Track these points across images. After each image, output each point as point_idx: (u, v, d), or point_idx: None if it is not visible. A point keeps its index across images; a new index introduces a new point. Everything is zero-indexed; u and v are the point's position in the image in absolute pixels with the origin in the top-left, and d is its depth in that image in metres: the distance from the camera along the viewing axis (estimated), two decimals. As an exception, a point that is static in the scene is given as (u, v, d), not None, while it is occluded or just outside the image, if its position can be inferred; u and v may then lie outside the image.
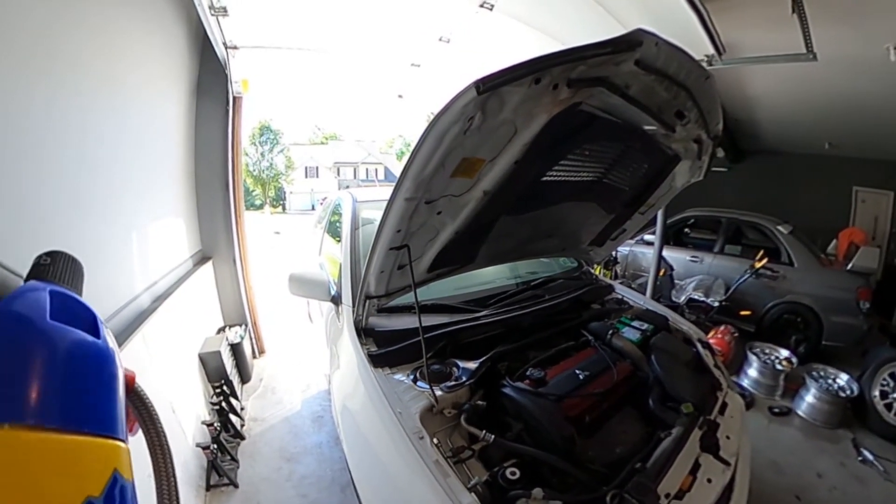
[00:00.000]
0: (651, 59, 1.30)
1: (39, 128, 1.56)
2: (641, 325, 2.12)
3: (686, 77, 1.46)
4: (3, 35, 1.38)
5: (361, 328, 1.86)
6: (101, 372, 0.30)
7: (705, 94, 1.57)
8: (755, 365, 4.00)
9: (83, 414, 0.27)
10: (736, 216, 5.53)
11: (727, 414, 1.80)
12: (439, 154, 1.27)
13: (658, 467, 1.41)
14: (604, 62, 1.24)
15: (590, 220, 2.27)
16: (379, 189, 3.83)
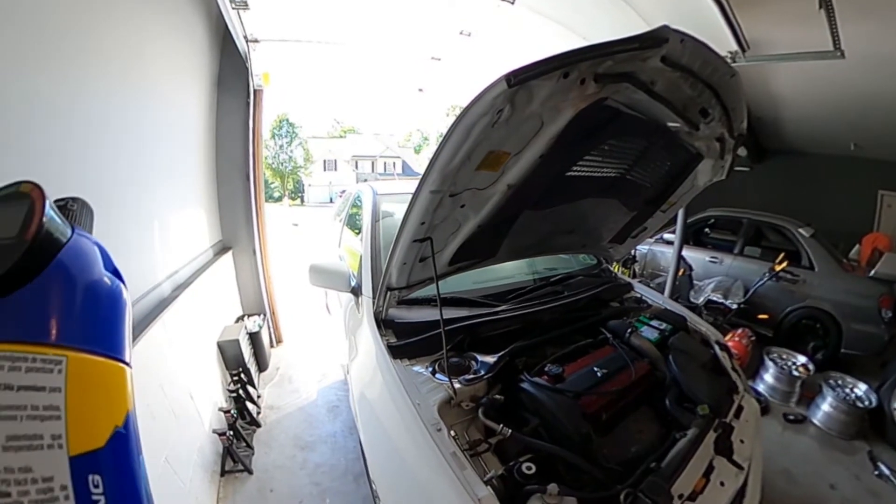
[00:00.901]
0: (677, 55, 1.29)
1: (65, 118, 1.59)
2: (660, 324, 2.11)
3: (711, 74, 1.45)
4: (34, 27, 1.41)
5: (381, 319, 1.88)
6: (125, 310, 0.33)
7: (730, 91, 1.55)
8: (771, 370, 3.91)
9: (120, 345, 0.31)
10: (757, 217, 5.42)
11: (742, 418, 1.79)
12: (466, 146, 1.27)
13: (672, 468, 1.41)
14: (630, 58, 1.24)
15: (611, 217, 2.26)
16: (398, 182, 3.83)
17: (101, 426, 0.25)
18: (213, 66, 3.69)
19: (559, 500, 1.21)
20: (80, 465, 0.22)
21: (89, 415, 0.24)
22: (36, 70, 1.43)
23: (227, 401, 3.11)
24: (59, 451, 0.21)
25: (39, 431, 0.22)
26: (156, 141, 2.58)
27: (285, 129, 35.92)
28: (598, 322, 2.11)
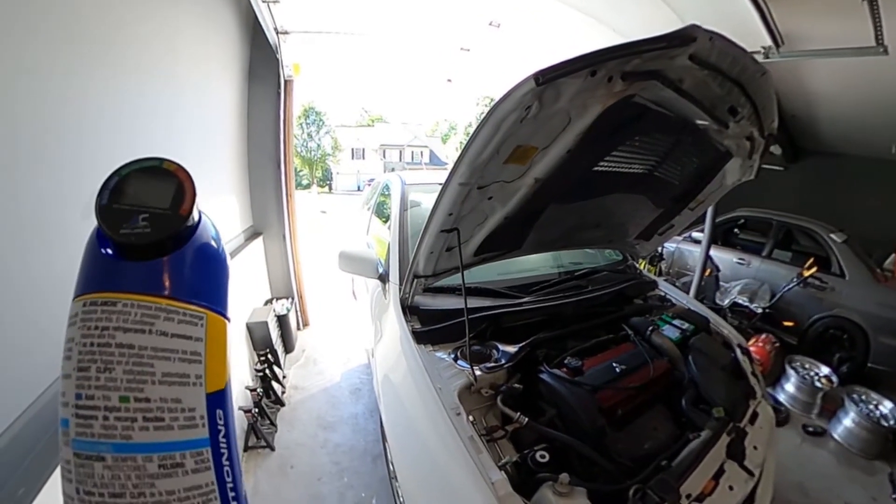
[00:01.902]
0: (705, 54, 1.29)
1: (98, 106, 1.65)
2: (682, 324, 2.10)
3: (741, 73, 1.44)
4: (70, 17, 1.46)
5: (407, 305, 1.93)
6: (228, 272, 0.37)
7: (760, 90, 1.54)
8: (793, 379, 3.78)
9: (225, 303, 0.36)
10: (787, 219, 5.22)
11: (757, 424, 1.78)
12: (495, 141, 1.30)
13: (683, 467, 1.43)
14: (658, 56, 1.24)
15: (638, 213, 2.26)
16: (426, 172, 3.88)
17: (223, 372, 0.30)
18: (244, 57, 3.77)
19: (570, 489, 1.24)
20: (213, 400, 0.27)
21: (217, 362, 0.30)
22: (72, 60, 1.49)
23: (253, 380, 3.23)
24: (200, 388, 0.27)
25: (187, 371, 0.28)
26: (188, 129, 2.65)
27: (312, 118, 36.22)
28: (620, 318, 2.12)
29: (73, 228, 1.42)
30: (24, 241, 1.25)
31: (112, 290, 0.27)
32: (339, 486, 2.59)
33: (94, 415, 0.26)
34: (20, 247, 1.24)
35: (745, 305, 4.61)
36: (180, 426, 0.26)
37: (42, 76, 1.33)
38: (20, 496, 0.98)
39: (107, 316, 0.26)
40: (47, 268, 1.31)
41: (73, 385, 0.25)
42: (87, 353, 0.25)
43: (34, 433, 1.14)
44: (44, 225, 1.33)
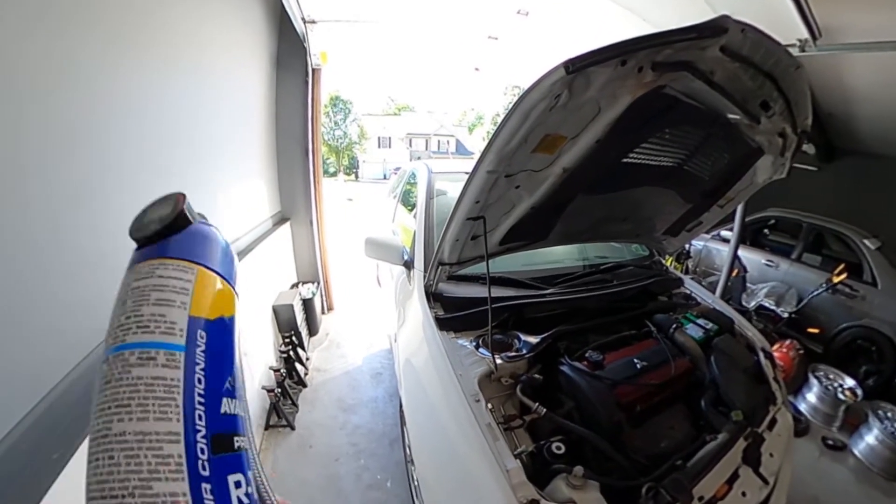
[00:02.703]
0: (736, 45, 1.26)
1: (126, 95, 1.67)
2: (706, 323, 2.07)
3: (774, 66, 1.39)
4: (99, 9, 1.49)
5: (431, 292, 1.95)
6: (233, 258, 0.47)
7: (794, 84, 1.49)
8: (815, 389, 3.61)
9: (231, 276, 0.43)
10: (819, 222, 5.01)
11: (775, 431, 1.74)
12: (524, 129, 1.30)
13: (698, 469, 1.42)
14: (688, 47, 1.22)
15: (666, 207, 2.22)
16: (453, 161, 3.88)
17: (213, 309, 0.39)
18: (272, 46, 3.82)
19: (583, 482, 1.25)
20: (193, 322, 0.36)
21: (206, 299, 0.38)
22: (102, 53, 1.52)
23: (277, 360, 3.31)
24: (184, 311, 0.36)
25: (174, 298, 0.36)
26: (215, 118, 2.70)
27: (339, 107, 36.43)
28: (643, 314, 2.10)
29: (105, 206, 1.48)
30: (62, 219, 1.30)
31: (133, 264, 0.39)
32: (355, 468, 2.65)
33: (110, 333, 0.36)
34: (60, 225, 1.29)
35: (771, 309, 4.48)
36: (161, 332, 0.35)
37: (74, 71, 1.36)
38: (55, 460, 1.05)
39: (131, 276, 0.38)
40: (78, 251, 1.38)
41: (113, 320, 0.37)
42: (119, 299, 0.38)
43: (69, 402, 1.20)
44: (79, 202, 1.38)
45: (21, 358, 1.14)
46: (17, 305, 1.13)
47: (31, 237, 1.20)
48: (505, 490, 1.22)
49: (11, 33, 1.11)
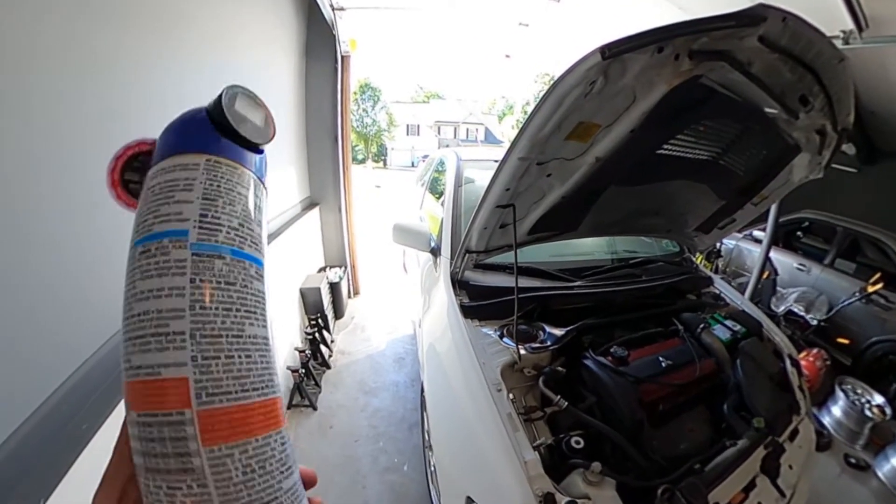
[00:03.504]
0: (776, 36, 1.20)
1: (160, 83, 1.69)
2: (734, 325, 2.02)
3: (815, 58, 1.32)
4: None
5: (457, 280, 1.95)
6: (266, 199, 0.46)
7: (836, 78, 1.40)
8: (841, 403, 3.37)
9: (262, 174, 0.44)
10: (855, 227, 4.71)
11: (796, 442, 1.69)
12: (558, 116, 1.28)
13: (715, 474, 1.39)
14: (726, 36, 1.18)
15: (699, 202, 2.16)
16: (482, 149, 3.86)
17: None
18: (301, 33, 3.82)
19: (600, 479, 1.24)
20: None
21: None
22: (139, 40, 1.54)
23: (302, 342, 3.37)
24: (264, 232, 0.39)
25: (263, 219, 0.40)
26: None
27: (368, 94, 36.50)
28: (671, 312, 2.06)
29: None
30: (93, 198, 1.33)
31: (236, 160, 0.38)
32: (373, 450, 2.68)
33: (219, 229, 0.35)
34: (92, 202, 1.33)
35: (800, 315, 4.25)
36: (262, 252, 0.37)
37: (109, 63, 1.38)
38: (84, 430, 1.10)
39: (231, 172, 0.37)
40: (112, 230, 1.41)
41: (197, 207, 0.35)
42: (213, 190, 0.35)
43: (97, 377, 1.24)
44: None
45: (56, 332, 1.18)
46: (51, 278, 1.17)
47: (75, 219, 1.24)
48: (521, 481, 1.22)
49: (55, 26, 1.15)
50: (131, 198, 0.40)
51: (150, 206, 0.35)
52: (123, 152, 0.41)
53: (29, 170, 1.08)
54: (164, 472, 0.30)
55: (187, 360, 0.31)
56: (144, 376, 0.31)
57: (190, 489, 0.30)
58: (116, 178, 0.40)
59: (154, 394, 0.31)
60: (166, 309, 0.32)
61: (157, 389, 0.31)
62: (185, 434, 0.30)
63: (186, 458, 0.30)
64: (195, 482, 0.30)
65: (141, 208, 0.36)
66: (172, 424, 0.30)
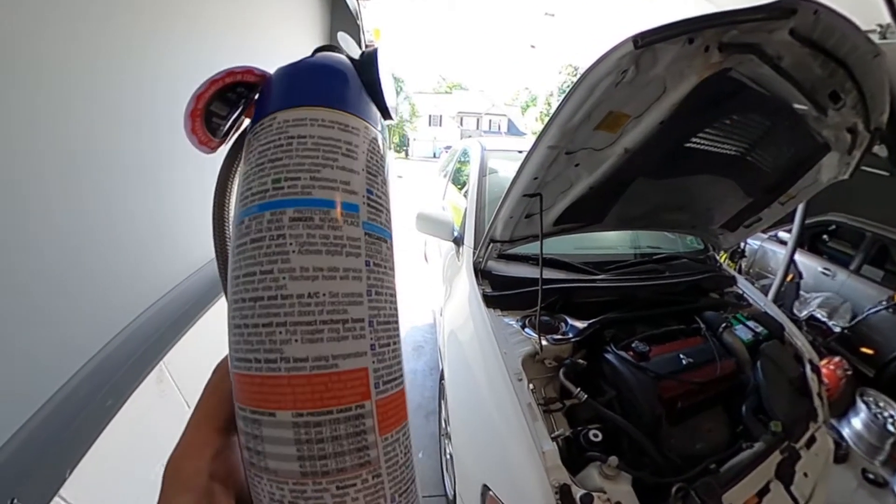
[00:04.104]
0: (807, 29, 1.17)
1: (184, 70, 1.65)
2: (756, 326, 1.99)
3: (848, 53, 1.27)
4: None
5: (480, 269, 1.94)
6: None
7: (870, 75, 1.35)
8: (862, 415, 3.23)
9: None
10: (885, 233, 4.55)
11: (813, 450, 1.66)
12: (588, 104, 1.27)
13: (730, 476, 1.39)
14: (756, 28, 1.16)
15: (726, 199, 2.13)
16: (505, 139, 3.83)
17: None
18: (325, 22, 3.81)
19: (616, 473, 1.24)
20: None
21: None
22: (168, 29, 1.54)
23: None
24: None
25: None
26: None
27: (391, 84, 36.43)
28: (693, 310, 2.04)
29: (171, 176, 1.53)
30: (129, 181, 1.36)
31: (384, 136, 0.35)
32: (389, 437, 2.70)
33: (381, 209, 0.31)
34: (132, 185, 1.36)
35: (822, 321, 4.15)
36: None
37: (137, 57, 1.38)
38: (108, 406, 1.14)
39: (382, 147, 0.34)
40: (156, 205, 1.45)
41: (364, 181, 0.30)
42: (374, 164, 0.31)
43: (123, 355, 1.28)
44: (147, 170, 1.43)
45: (85, 310, 1.21)
46: (83, 252, 1.19)
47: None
48: (539, 471, 1.23)
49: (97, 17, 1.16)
50: (208, 134, 0.34)
51: (302, 163, 0.29)
52: (223, 77, 0.34)
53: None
54: (333, 474, 0.27)
55: (367, 349, 0.29)
56: (314, 370, 0.27)
57: (365, 483, 0.27)
58: (201, 107, 0.33)
59: (330, 389, 0.27)
60: (343, 293, 0.28)
61: (334, 384, 0.27)
62: (365, 427, 0.28)
63: (364, 452, 0.28)
64: (370, 474, 0.28)
65: (281, 160, 0.29)
66: (350, 420, 0.27)
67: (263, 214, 0.28)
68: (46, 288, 1.05)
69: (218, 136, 0.34)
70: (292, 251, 0.27)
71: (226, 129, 0.34)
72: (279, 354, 0.27)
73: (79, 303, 1.17)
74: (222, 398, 0.31)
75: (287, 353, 0.27)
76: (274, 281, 0.27)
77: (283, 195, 0.28)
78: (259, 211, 0.28)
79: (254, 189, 0.29)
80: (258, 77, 0.34)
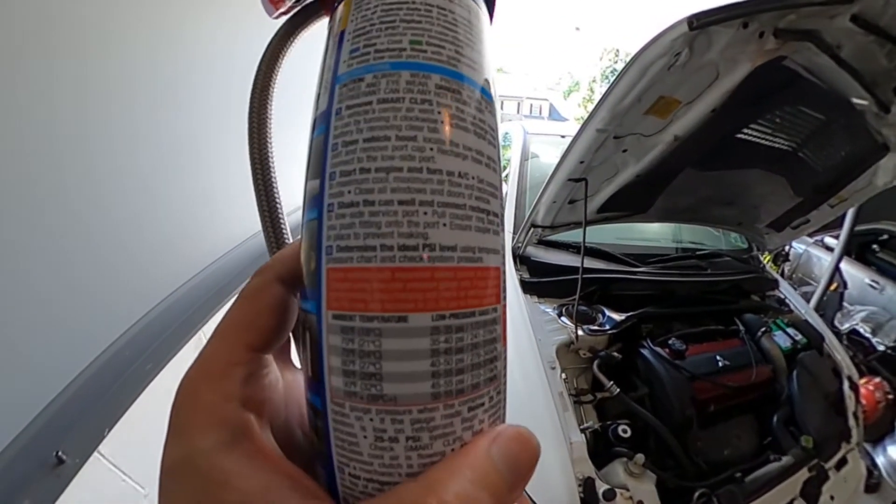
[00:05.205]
0: (873, 15, 1.06)
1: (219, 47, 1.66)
2: (795, 334, 1.91)
3: None
4: None
5: (518, 255, 1.91)
6: None
7: None
8: None
9: None
10: None
11: (842, 473, 1.57)
12: (640, 87, 1.23)
13: (755, 487, 1.35)
14: (815, 13, 1.08)
15: (775, 197, 2.02)
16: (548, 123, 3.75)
17: None
18: None
19: (642, 471, 1.23)
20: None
21: None
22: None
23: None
24: None
25: None
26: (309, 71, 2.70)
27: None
28: (733, 311, 1.98)
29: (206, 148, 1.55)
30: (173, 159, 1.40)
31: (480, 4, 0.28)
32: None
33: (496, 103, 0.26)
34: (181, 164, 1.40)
35: (865, 337, 3.85)
36: None
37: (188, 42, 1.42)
38: (148, 370, 1.19)
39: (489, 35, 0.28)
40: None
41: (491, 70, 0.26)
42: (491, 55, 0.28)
43: (163, 323, 1.32)
44: (185, 147, 1.46)
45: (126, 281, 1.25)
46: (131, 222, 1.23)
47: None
48: (564, 462, 1.22)
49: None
50: None
51: (445, 32, 0.24)
52: None
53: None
54: (468, 391, 0.21)
55: (501, 247, 0.24)
56: (461, 262, 0.21)
57: (491, 401, 0.23)
58: None
59: (475, 286, 0.22)
60: (487, 181, 0.23)
61: (479, 280, 0.22)
62: (497, 334, 0.23)
63: (494, 364, 0.23)
64: (496, 390, 0.23)
65: (419, 23, 0.23)
66: (488, 324, 0.22)
67: (400, 73, 0.22)
68: (93, 260, 1.10)
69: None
70: (442, 121, 0.22)
71: None
72: (422, 240, 0.21)
73: (122, 275, 1.22)
74: (263, 307, 0.24)
75: (433, 238, 0.21)
76: (419, 150, 0.21)
77: (427, 59, 0.23)
78: (392, 69, 0.22)
79: (379, 46, 0.23)
80: None
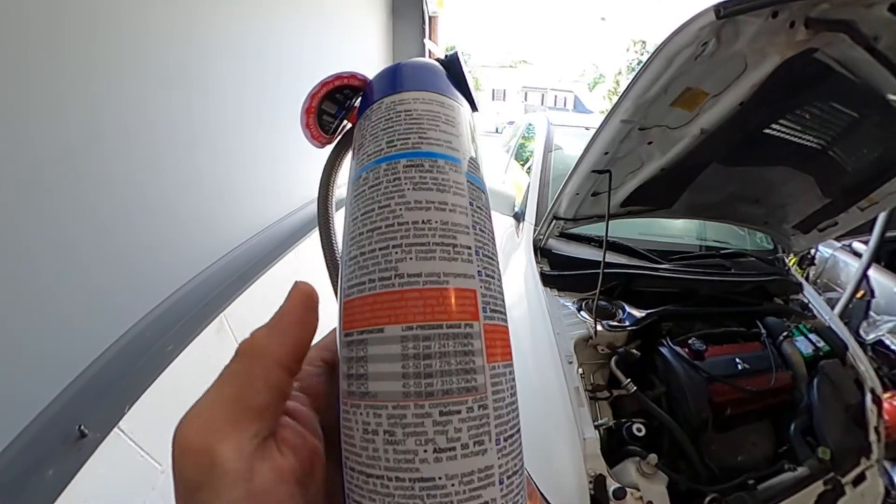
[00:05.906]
0: None
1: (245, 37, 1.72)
2: (818, 341, 1.83)
3: None
4: None
5: (539, 247, 1.90)
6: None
7: None
8: None
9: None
10: None
11: (860, 490, 1.50)
12: (666, 77, 1.21)
13: (767, 496, 1.30)
14: (851, 2, 1.02)
15: (802, 196, 1.95)
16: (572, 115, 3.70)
17: None
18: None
19: (654, 472, 1.21)
20: None
21: None
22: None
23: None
24: None
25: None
26: (334, 63, 2.70)
27: (453, 56, 36.18)
28: (755, 313, 1.93)
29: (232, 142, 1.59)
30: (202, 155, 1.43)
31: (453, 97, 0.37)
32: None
33: (479, 167, 0.36)
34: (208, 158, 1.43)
35: (891, 349, 3.78)
36: None
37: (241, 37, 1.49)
38: (168, 351, 1.22)
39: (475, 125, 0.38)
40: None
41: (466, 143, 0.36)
42: (472, 133, 0.37)
43: (186, 305, 1.36)
44: (211, 139, 1.50)
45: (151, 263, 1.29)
46: (155, 207, 1.26)
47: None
48: (576, 458, 1.21)
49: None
50: (320, 130, 0.39)
51: (410, 128, 0.33)
52: (333, 80, 0.39)
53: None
54: (437, 395, 0.26)
55: (475, 273, 0.29)
56: (426, 285, 0.28)
57: (470, 412, 0.26)
58: (315, 105, 0.39)
59: (441, 304, 0.27)
60: (452, 222, 0.29)
61: (445, 299, 0.28)
62: (472, 348, 0.27)
63: (471, 376, 0.27)
64: (476, 402, 0.27)
65: (392, 128, 0.33)
66: (459, 337, 0.27)
67: (380, 166, 0.32)
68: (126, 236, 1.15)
69: (328, 133, 0.40)
70: (407, 188, 0.30)
71: (334, 127, 0.40)
72: (394, 272, 0.28)
73: (154, 259, 1.27)
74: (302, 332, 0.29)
75: (402, 269, 0.28)
76: (391, 212, 0.29)
77: (396, 150, 0.32)
78: (375, 164, 0.32)
79: (369, 151, 0.33)
80: (361, 82, 0.39)
